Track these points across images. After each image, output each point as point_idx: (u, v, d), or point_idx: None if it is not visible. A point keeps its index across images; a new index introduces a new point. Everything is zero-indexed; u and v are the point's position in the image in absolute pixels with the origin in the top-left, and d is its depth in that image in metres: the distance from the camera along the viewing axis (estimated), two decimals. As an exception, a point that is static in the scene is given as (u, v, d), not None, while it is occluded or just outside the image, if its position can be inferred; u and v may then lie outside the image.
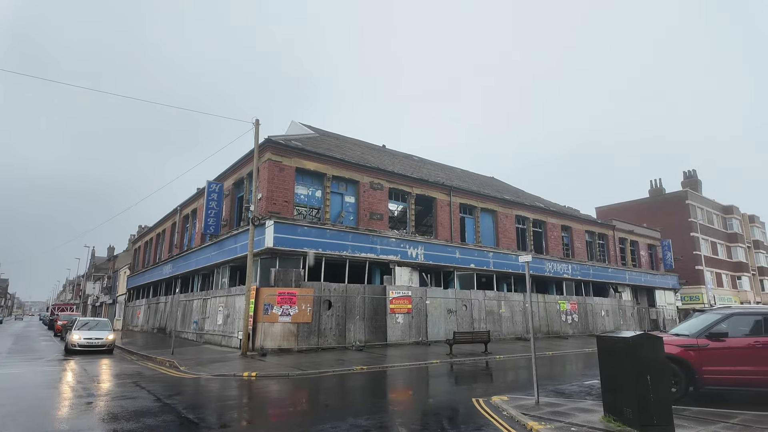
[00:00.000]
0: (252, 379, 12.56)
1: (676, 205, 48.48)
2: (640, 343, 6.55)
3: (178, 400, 9.44)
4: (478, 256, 25.86)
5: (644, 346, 6.55)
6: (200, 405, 9.16)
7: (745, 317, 9.46)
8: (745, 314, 9.50)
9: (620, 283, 35.47)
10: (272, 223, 18.38)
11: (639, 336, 6.61)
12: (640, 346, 6.52)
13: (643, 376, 6.41)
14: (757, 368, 8.74)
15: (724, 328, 9.26)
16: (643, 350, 6.52)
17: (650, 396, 6.37)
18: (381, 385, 11.86)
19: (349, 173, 22.40)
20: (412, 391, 11.18)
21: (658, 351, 6.63)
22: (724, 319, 9.41)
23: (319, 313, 19.16)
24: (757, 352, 8.82)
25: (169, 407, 8.66)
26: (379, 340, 20.58)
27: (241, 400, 9.89)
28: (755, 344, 8.86)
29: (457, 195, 27.00)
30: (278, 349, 17.94)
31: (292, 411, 8.85)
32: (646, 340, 6.60)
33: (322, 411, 8.85)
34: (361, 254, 20.99)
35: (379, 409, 8.72)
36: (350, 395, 10.62)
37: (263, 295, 18.33)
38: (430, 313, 22.74)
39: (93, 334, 21.06)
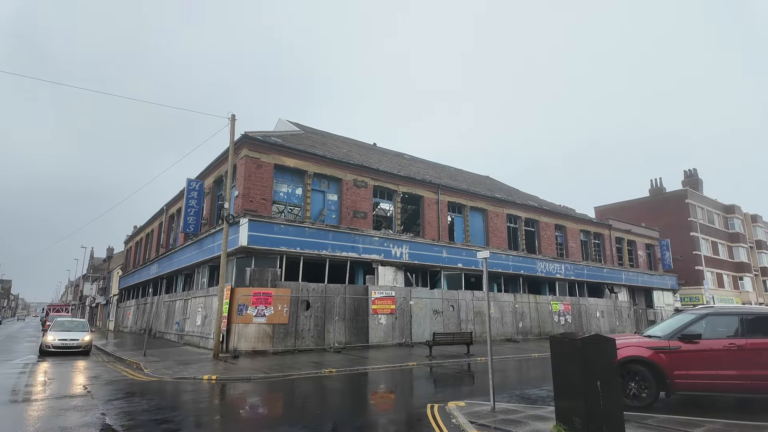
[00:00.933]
0: (212, 382, 12.04)
1: (675, 204, 47.66)
2: (589, 345, 5.96)
3: (115, 405, 8.91)
4: (467, 256, 25.25)
5: (594, 349, 5.97)
6: (135, 411, 8.63)
7: (721, 317, 8.85)
8: (721, 314, 8.88)
9: (616, 284, 34.74)
10: (246, 221, 17.88)
11: (589, 337, 6.03)
12: (589, 349, 5.94)
13: (592, 381, 5.82)
14: (731, 372, 8.12)
15: (697, 329, 8.65)
16: (593, 353, 5.94)
17: (600, 403, 5.78)
18: (341, 389, 11.29)
19: (331, 170, 21.87)
20: (368, 397, 10.61)
21: (609, 354, 6.05)
22: (698, 319, 8.81)
23: (297, 314, 18.63)
24: (732, 355, 8.20)
25: (100, 413, 8.16)
26: (360, 341, 20.02)
27: (180, 406, 9.35)
28: (730, 346, 8.25)
29: (446, 193, 26.42)
30: (252, 351, 17.41)
31: (222, 419, 8.27)
32: (596, 342, 6.02)
33: (257, 418, 8.34)
34: (342, 253, 20.45)
35: (321, 416, 8.17)
36: (300, 401, 10.03)
37: (238, 296, 17.82)
38: (415, 314, 22.16)
39: (68, 335, 20.58)
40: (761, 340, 8.20)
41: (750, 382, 8.02)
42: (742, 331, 8.37)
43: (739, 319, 8.51)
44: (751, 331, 8.33)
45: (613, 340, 6.27)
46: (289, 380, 12.20)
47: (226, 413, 8.86)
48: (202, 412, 8.90)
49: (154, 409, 8.76)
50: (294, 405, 9.61)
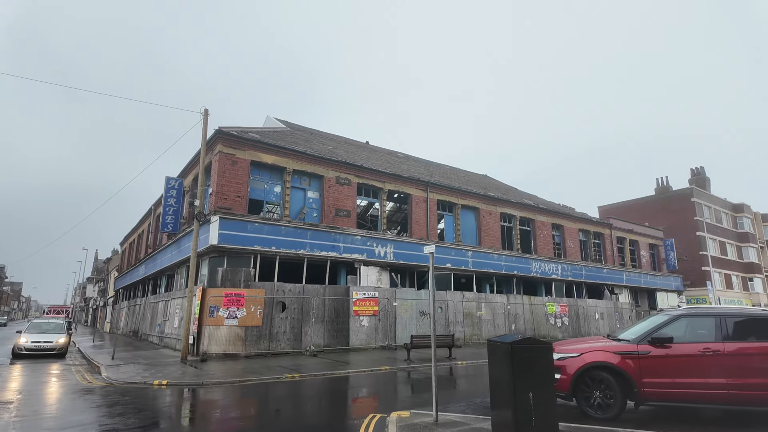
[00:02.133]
0: (162, 387, 11.37)
1: (680, 203, 46.27)
2: (520, 350, 5.14)
3: (23, 415, 8.23)
4: (456, 255, 24.40)
5: (527, 355, 5.15)
6: (42, 419, 7.93)
7: (697, 319, 7.96)
8: (697, 315, 7.99)
9: (617, 285, 33.60)
10: (217, 219, 17.22)
11: (520, 341, 5.22)
12: (520, 355, 5.12)
13: (523, 392, 5.01)
14: (707, 380, 7.24)
15: (670, 331, 7.77)
16: (524, 360, 5.12)
17: (532, 417, 4.97)
18: (290, 396, 10.50)
19: (312, 167, 21.16)
20: (313, 405, 9.79)
21: (544, 361, 5.22)
22: (671, 321, 7.92)
23: (272, 315, 17.92)
24: (707, 361, 7.32)
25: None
26: (341, 344, 19.27)
27: (95, 414, 8.64)
28: (705, 351, 7.36)
29: (435, 191, 25.58)
30: (223, 354, 16.73)
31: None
32: (528, 347, 5.20)
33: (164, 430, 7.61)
34: (321, 253, 19.71)
35: (238, 428, 7.42)
36: (232, 409, 9.24)
37: (209, 297, 17.17)
38: (400, 316, 21.35)
39: (42, 337, 20.06)
40: (741, 344, 7.32)
41: (728, 392, 7.13)
42: (719, 335, 7.48)
43: (716, 321, 7.62)
44: (730, 334, 7.44)
45: (550, 345, 5.44)
46: (243, 386, 11.48)
47: (136, 424, 8.11)
48: (112, 423, 8.18)
49: (57, 416, 8.07)
50: (222, 414, 8.81)
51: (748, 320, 7.58)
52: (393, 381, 12.74)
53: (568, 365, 7.98)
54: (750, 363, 7.17)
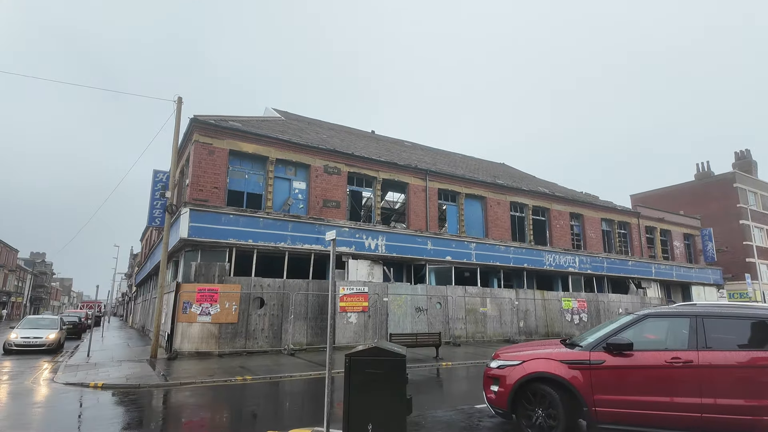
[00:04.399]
0: (97, 388, 10.60)
1: (722, 189, 42.56)
2: (362, 363, 3.81)
3: None
4: (457, 248, 22.81)
5: (370, 370, 3.80)
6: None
7: (666, 320, 6.33)
8: (666, 315, 6.36)
9: (644, 278, 30.99)
10: (187, 211, 16.43)
11: (362, 352, 3.87)
12: (361, 369, 3.78)
13: (361, 419, 3.67)
14: (672, 400, 5.63)
15: (631, 335, 6.17)
16: (366, 376, 3.77)
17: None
18: (206, 405, 9.36)
19: (297, 156, 20.10)
20: (216, 417, 8.63)
21: (393, 378, 3.85)
22: (634, 322, 6.31)
23: (248, 312, 17.02)
24: (675, 375, 5.70)
25: None
26: (325, 342, 18.16)
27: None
28: (673, 362, 5.74)
29: (436, 179, 24.02)
30: (196, 352, 15.96)
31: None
32: (372, 360, 3.85)
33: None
34: (303, 246, 18.65)
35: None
36: (117, 420, 8.21)
37: (182, 293, 16.43)
38: (393, 312, 20.05)
39: (33, 333, 19.99)
40: (720, 353, 5.65)
41: (701, 416, 5.50)
42: (694, 340, 5.83)
43: (690, 323, 5.97)
44: (709, 339, 5.78)
45: (403, 358, 4.07)
46: (179, 389, 10.53)
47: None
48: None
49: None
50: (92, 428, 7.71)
51: (733, 322, 5.88)
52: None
53: (508, 376, 6.53)
54: (732, 378, 5.50)
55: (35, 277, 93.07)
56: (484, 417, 7.69)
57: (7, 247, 69.42)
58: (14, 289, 75.64)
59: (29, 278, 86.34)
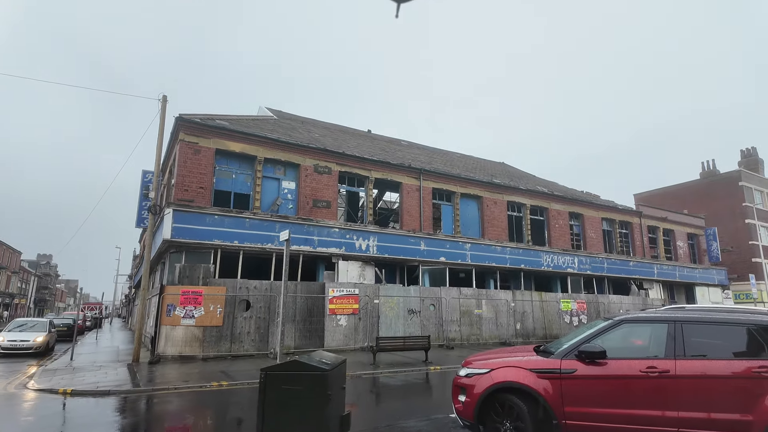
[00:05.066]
0: (66, 395, 10.26)
1: (727, 187, 41.77)
2: (276, 381, 3.38)
3: None
4: (451, 248, 22.35)
5: (288, 389, 3.38)
6: None
7: (641, 326, 5.86)
8: (641, 321, 5.89)
9: (646, 279, 30.35)
10: (170, 211, 16.10)
11: (277, 367, 3.45)
12: (277, 386, 3.36)
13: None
14: (647, 413, 5.17)
15: (605, 342, 5.71)
16: (283, 396, 3.35)
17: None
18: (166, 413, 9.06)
19: (286, 155, 19.73)
20: (167, 425, 8.26)
21: (314, 399, 3.42)
22: (609, 327, 5.85)
23: (234, 314, 16.65)
24: (651, 386, 5.24)
25: None
26: (314, 345, 17.77)
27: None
28: (648, 372, 5.28)
29: (430, 179, 23.58)
30: (179, 356, 15.62)
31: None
32: (290, 376, 3.42)
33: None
34: (291, 247, 18.25)
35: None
36: None
37: (166, 295, 16.11)
38: (384, 314, 19.62)
39: (20, 336, 19.84)
40: (699, 362, 5.19)
41: (678, 431, 5.04)
42: (672, 348, 5.37)
43: (669, 329, 5.50)
44: (688, 347, 5.32)
45: (324, 375, 3.63)
46: (149, 396, 10.16)
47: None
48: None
49: None
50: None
51: (715, 329, 5.41)
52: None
53: (476, 385, 6.08)
54: (712, 390, 5.04)
55: (39, 278, 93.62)
56: (458, 427, 7.25)
57: (9, 249, 69.71)
58: (18, 291, 75.99)
59: (33, 280, 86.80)
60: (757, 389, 4.84)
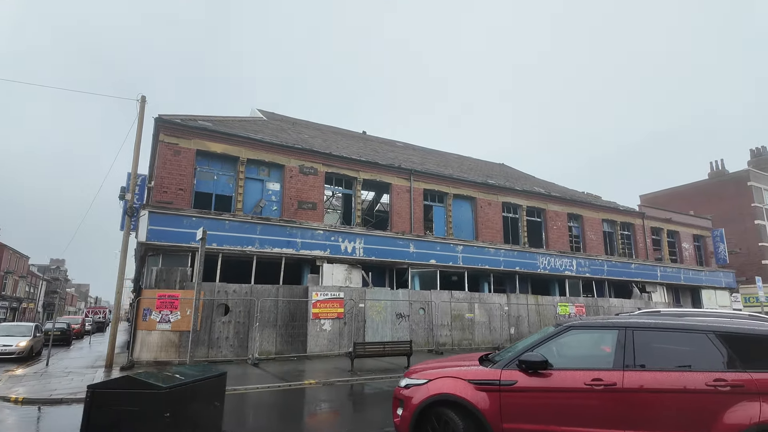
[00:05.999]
0: (17, 403, 9.88)
1: (735, 188, 40.63)
2: (106, 397, 2.87)
3: None
4: (442, 251, 21.74)
5: (118, 407, 2.86)
6: None
7: (590, 333, 5.28)
8: (590, 327, 5.31)
9: (649, 282, 29.43)
10: (146, 213, 15.74)
11: (106, 384, 2.94)
12: (107, 406, 2.85)
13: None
14: (594, 431, 4.58)
15: (549, 351, 5.13)
16: (112, 415, 2.84)
17: None
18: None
19: (270, 156, 19.33)
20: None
21: (148, 418, 2.91)
22: (556, 334, 5.27)
23: (212, 319, 16.23)
24: (596, 401, 4.65)
25: None
26: (296, 351, 17.30)
27: None
28: (593, 385, 4.69)
29: (421, 179, 23.02)
30: (154, 361, 15.19)
31: None
32: (120, 392, 2.91)
33: None
34: (273, 249, 17.82)
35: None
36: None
37: (142, 299, 15.75)
38: (371, 318, 19.08)
39: (3, 340, 19.62)
40: (648, 374, 4.58)
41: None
42: (621, 358, 4.77)
43: (617, 337, 4.90)
44: (635, 357, 4.72)
45: (159, 393, 3.11)
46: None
47: None
48: None
49: None
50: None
51: (672, 336, 4.80)
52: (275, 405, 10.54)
53: (413, 397, 5.54)
54: (663, 406, 4.43)
55: (49, 283, 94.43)
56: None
57: (17, 254, 70.33)
58: (25, 295, 76.64)
59: (42, 284, 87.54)
60: (713, 405, 4.24)
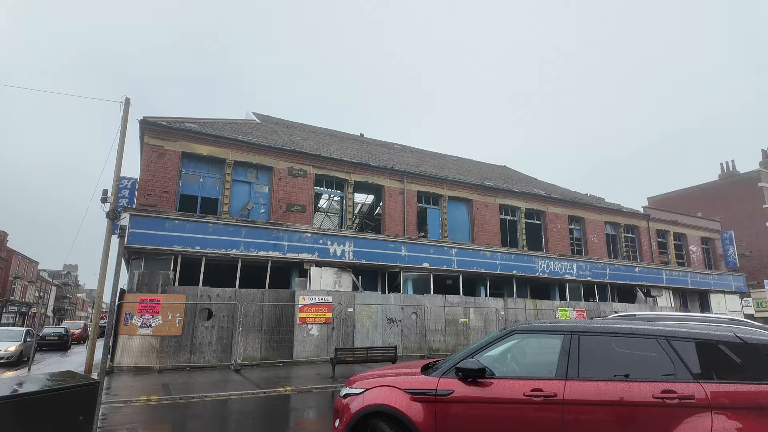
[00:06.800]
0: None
1: (746, 189, 39.50)
2: None
3: None
4: (435, 254, 21.24)
5: None
6: None
7: (533, 338, 4.81)
8: (533, 331, 4.83)
9: (654, 285, 28.56)
10: (127, 216, 15.52)
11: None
12: None
13: None
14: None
15: (490, 358, 4.67)
16: None
17: None
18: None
19: (258, 158, 19.06)
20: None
21: None
22: (497, 340, 4.80)
23: (194, 324, 15.91)
24: (532, 413, 4.16)
25: None
26: (282, 356, 16.90)
27: None
28: (532, 396, 4.20)
29: (415, 181, 22.58)
30: (134, 367, 14.91)
31: None
32: None
33: None
34: (259, 253, 17.48)
35: None
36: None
37: (125, 303, 15.49)
38: (361, 323, 18.63)
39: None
40: (591, 384, 4.09)
41: (567, 473, 3.95)
42: (562, 366, 4.29)
43: (562, 342, 4.42)
44: (580, 366, 4.23)
45: None
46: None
47: None
48: None
49: None
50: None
51: (621, 341, 4.30)
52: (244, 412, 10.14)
53: (350, 408, 5.10)
54: (606, 420, 3.93)
55: (59, 288, 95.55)
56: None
57: (26, 260, 71.19)
58: (35, 300, 77.49)
59: (52, 289, 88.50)
60: (660, 420, 3.74)
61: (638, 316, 6.98)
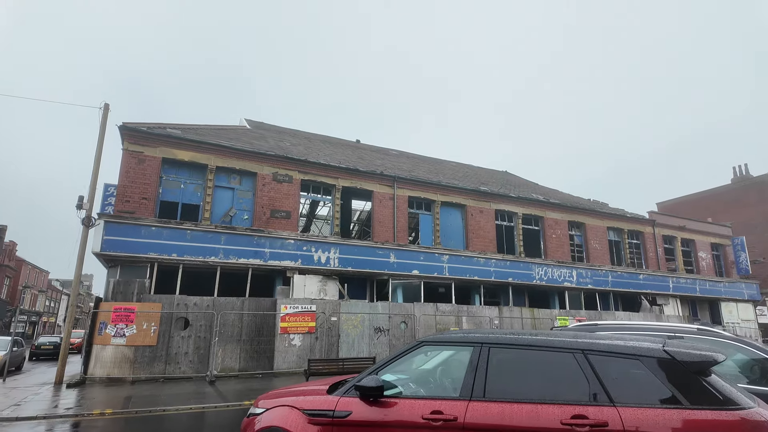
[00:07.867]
0: None
1: (759, 193, 38.15)
2: None
3: None
4: (426, 260, 20.59)
5: None
6: None
7: (443, 350, 4.21)
8: (443, 343, 4.22)
9: (660, 294, 27.48)
10: (101, 222, 15.20)
11: None
12: None
13: None
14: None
15: (396, 374, 4.07)
16: None
17: None
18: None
19: (241, 163, 18.70)
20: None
21: None
22: (406, 353, 4.19)
23: (170, 333, 15.46)
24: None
25: None
26: (262, 367, 16.35)
27: None
28: (432, 419, 3.58)
29: (406, 186, 22.02)
30: (107, 377, 14.49)
31: None
32: None
33: None
34: (239, 260, 17.04)
35: None
36: None
37: (100, 312, 15.13)
38: (346, 333, 18.02)
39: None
40: (497, 406, 3.46)
41: None
42: (468, 384, 3.66)
43: (471, 356, 3.80)
44: (487, 384, 3.61)
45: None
46: (3, 427, 8.99)
47: None
48: None
49: None
50: None
51: (535, 355, 3.67)
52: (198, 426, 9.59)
53: (252, 429, 4.53)
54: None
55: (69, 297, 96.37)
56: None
57: (36, 269, 72.05)
58: (45, 309, 78.33)
59: (62, 298, 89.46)
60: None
61: (600, 326, 6.30)
